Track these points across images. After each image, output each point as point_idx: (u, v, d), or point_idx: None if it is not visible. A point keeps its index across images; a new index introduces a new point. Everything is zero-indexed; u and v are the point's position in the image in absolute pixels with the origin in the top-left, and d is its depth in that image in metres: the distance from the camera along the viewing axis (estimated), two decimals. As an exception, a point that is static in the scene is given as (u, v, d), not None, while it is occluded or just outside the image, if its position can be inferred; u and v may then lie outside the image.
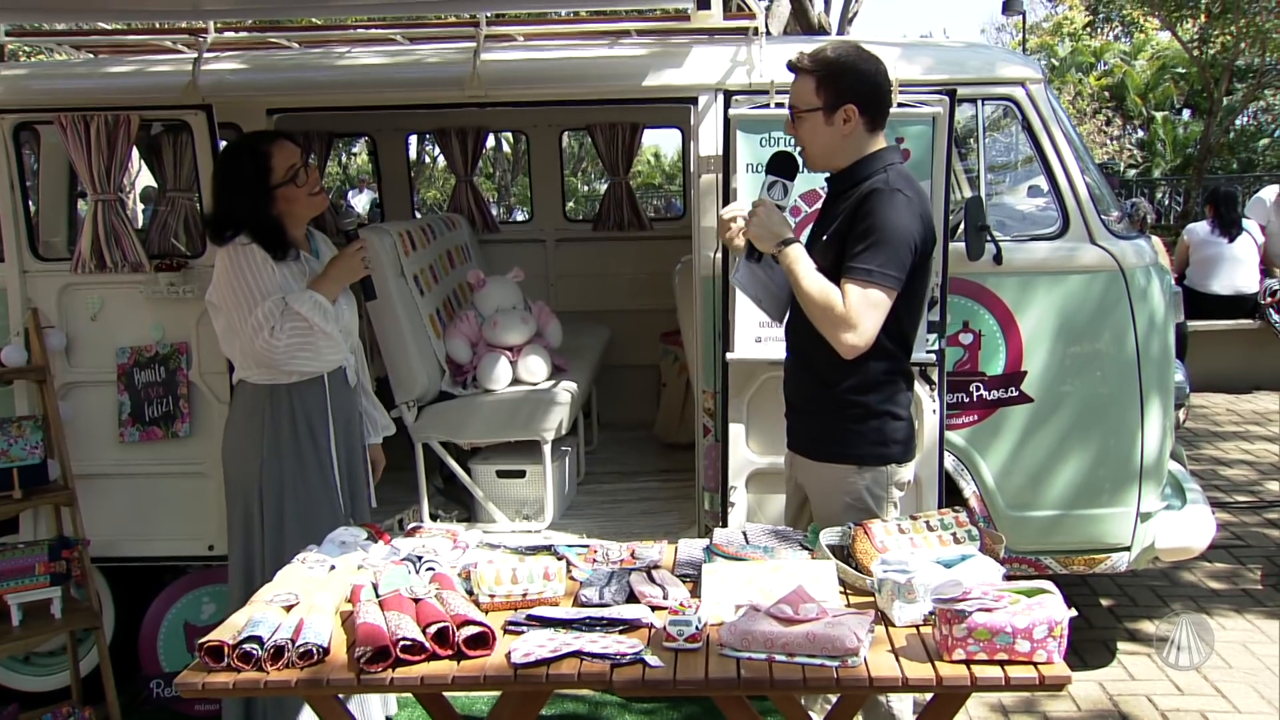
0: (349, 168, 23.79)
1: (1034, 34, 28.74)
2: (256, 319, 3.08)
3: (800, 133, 2.83)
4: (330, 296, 3.21)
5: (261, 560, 3.20)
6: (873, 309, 2.66)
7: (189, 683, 2.20)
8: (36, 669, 4.22)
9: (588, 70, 4.02)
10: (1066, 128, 3.96)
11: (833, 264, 2.73)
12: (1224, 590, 5.07)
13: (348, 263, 3.29)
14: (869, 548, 2.54)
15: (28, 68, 4.82)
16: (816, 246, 2.80)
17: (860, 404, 2.83)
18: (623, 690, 2.19)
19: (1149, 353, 3.88)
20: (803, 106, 2.79)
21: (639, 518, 4.67)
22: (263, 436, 3.21)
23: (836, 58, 2.76)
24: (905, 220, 2.69)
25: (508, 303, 4.95)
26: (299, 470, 3.22)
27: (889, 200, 2.69)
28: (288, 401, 3.22)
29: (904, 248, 2.69)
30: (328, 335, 3.17)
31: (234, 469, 3.29)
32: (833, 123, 2.76)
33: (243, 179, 3.17)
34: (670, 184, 27.70)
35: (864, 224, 2.68)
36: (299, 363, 3.17)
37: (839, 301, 2.66)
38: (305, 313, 3.12)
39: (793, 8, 10.10)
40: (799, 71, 2.80)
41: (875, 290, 2.66)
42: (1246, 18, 15.98)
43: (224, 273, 3.14)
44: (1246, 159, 22.20)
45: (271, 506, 3.21)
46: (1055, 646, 2.12)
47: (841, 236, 2.74)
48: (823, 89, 2.75)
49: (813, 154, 2.85)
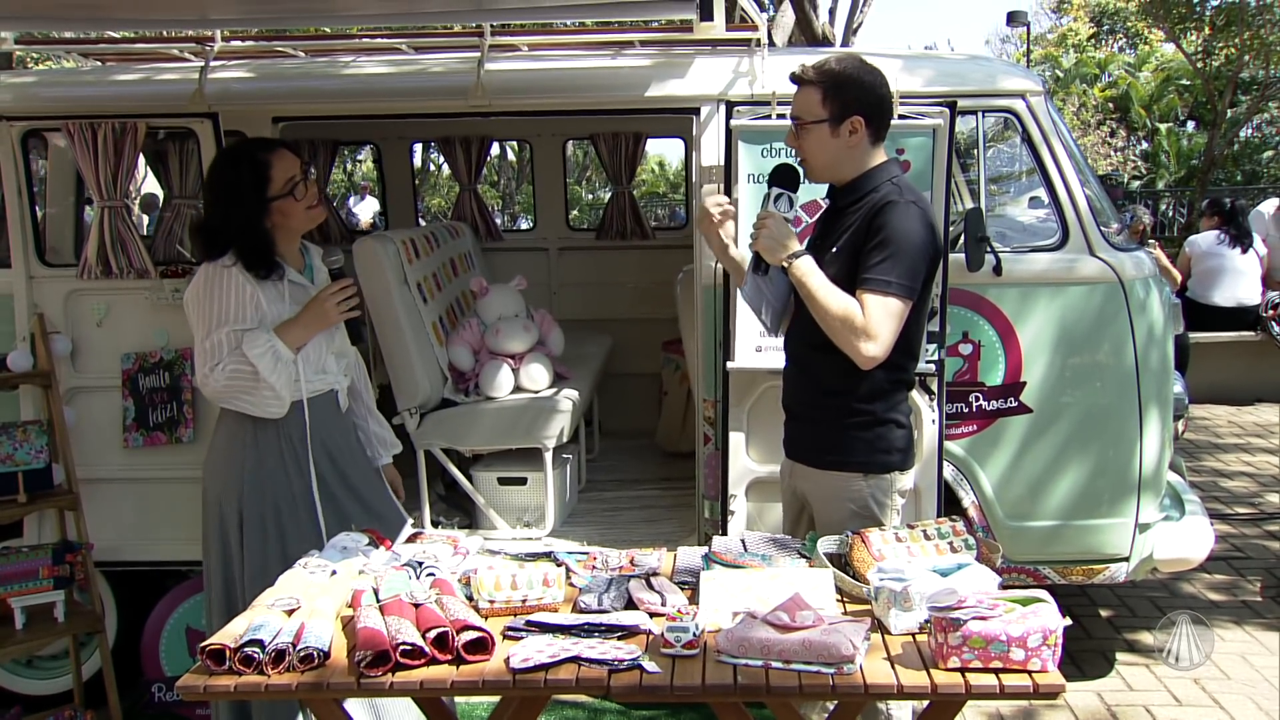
0: (353, 174, 23.84)
1: (1038, 45, 28.80)
2: (205, 347, 2.96)
3: (804, 144, 2.83)
4: (295, 344, 3.02)
5: (242, 587, 3.08)
6: (891, 319, 2.69)
7: (191, 686, 2.21)
8: (39, 672, 4.24)
9: (591, 80, 4.04)
10: (1067, 140, 3.99)
11: (843, 275, 2.75)
12: (1223, 602, 5.08)
13: (319, 309, 3.06)
14: (866, 556, 2.56)
15: (36, 75, 4.86)
16: (824, 258, 2.80)
17: (865, 412, 2.85)
18: (620, 696, 2.20)
19: (1148, 364, 3.89)
20: (808, 118, 2.79)
21: (639, 525, 4.69)
22: (244, 463, 3.07)
23: (842, 70, 2.78)
24: (920, 232, 2.73)
25: (510, 311, 4.98)
26: (280, 497, 3.08)
27: (904, 212, 2.72)
28: (273, 426, 3.06)
29: (920, 259, 2.73)
30: (270, 386, 2.96)
31: (214, 492, 3.15)
32: (839, 134, 2.77)
33: (239, 187, 3.03)
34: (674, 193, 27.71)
35: (880, 236, 2.70)
36: (236, 405, 3.02)
37: (859, 313, 2.68)
38: (254, 359, 2.93)
39: (797, 19, 10.15)
40: (804, 83, 2.80)
41: (894, 300, 2.68)
42: (1251, 30, 16.04)
43: (196, 287, 3.01)
44: (1251, 171, 22.23)
45: (253, 532, 3.08)
46: (1050, 655, 2.13)
47: (853, 248, 2.76)
48: (829, 101, 2.76)
49: (817, 166, 2.85)
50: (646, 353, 6.13)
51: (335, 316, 3.09)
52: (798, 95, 2.83)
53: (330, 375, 3.20)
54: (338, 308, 3.08)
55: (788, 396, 3.07)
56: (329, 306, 3.07)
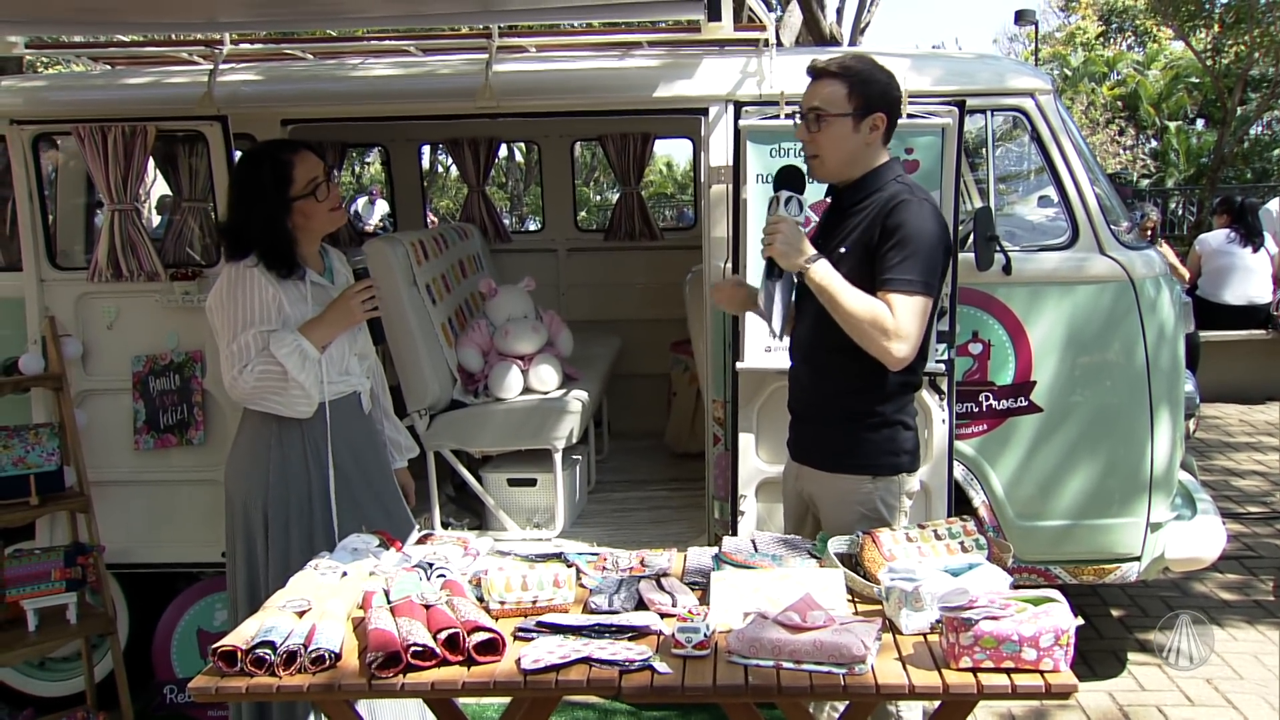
0: (361, 177, 23.89)
1: (1047, 44, 28.71)
2: (232, 350, 2.97)
3: (822, 138, 2.79)
4: (320, 343, 3.04)
5: (267, 589, 3.04)
6: (918, 318, 2.69)
7: (202, 688, 2.21)
8: (51, 674, 4.26)
9: (599, 81, 4.05)
10: (1076, 138, 3.97)
11: (854, 275, 2.73)
12: (1235, 601, 5.06)
13: (344, 307, 3.09)
14: (877, 556, 2.55)
15: (47, 79, 4.87)
16: (832, 259, 2.76)
17: (876, 414, 2.86)
18: (631, 696, 2.20)
19: (1158, 363, 3.88)
20: (832, 110, 2.76)
21: (649, 526, 4.69)
22: (269, 464, 3.09)
23: (864, 67, 2.79)
24: (935, 229, 2.74)
25: (519, 312, 4.98)
26: (306, 500, 3.09)
27: (919, 210, 2.73)
28: (297, 427, 3.08)
29: (938, 255, 2.74)
30: (300, 385, 2.98)
31: (238, 493, 3.15)
32: (859, 130, 2.77)
33: (260, 187, 3.04)
34: (682, 194, 27.72)
35: (898, 235, 2.69)
36: (265, 406, 3.03)
37: (887, 314, 2.67)
38: (282, 358, 2.95)
39: (804, 19, 10.15)
40: (826, 76, 2.79)
41: (920, 299, 2.69)
42: (1260, 27, 15.98)
43: (219, 291, 3.03)
44: (1261, 169, 22.14)
45: (278, 533, 3.09)
46: (1062, 655, 2.13)
47: (865, 247, 2.75)
48: (854, 95, 2.75)
49: (831, 161, 2.82)
50: (655, 353, 6.12)
51: (360, 315, 3.11)
52: (818, 88, 2.80)
53: (353, 377, 3.22)
54: (362, 306, 3.10)
55: (795, 399, 3.06)
56: (354, 305, 3.09)
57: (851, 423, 2.88)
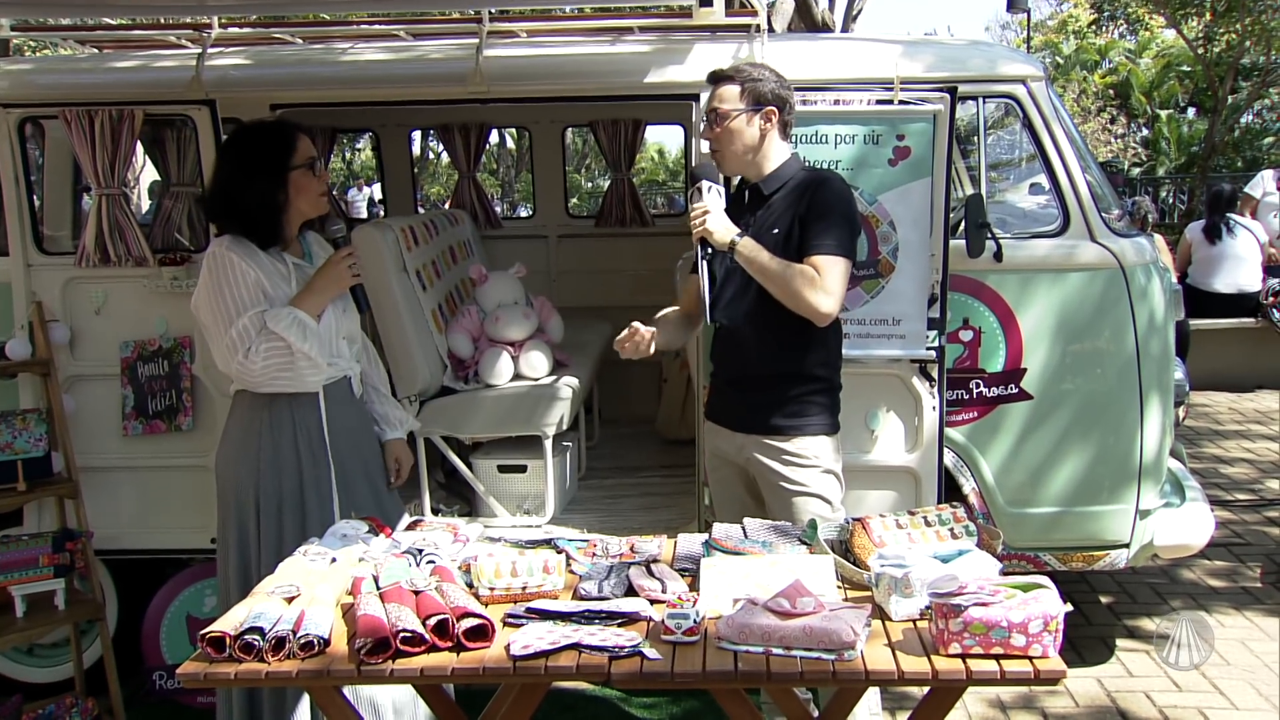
0: (352, 164, 23.80)
1: (1039, 32, 28.72)
2: (231, 337, 2.96)
3: (722, 133, 3.08)
4: (314, 311, 3.03)
5: (259, 574, 3.01)
6: (843, 277, 2.99)
7: (191, 674, 2.21)
8: (40, 660, 4.25)
9: (590, 67, 4.03)
10: (1068, 125, 3.97)
11: (788, 250, 3.01)
12: (1223, 588, 5.08)
13: (333, 272, 3.10)
14: (867, 542, 2.56)
15: (33, 62, 4.83)
16: (766, 239, 3.02)
17: (822, 378, 3.14)
18: (621, 682, 2.20)
19: (1149, 350, 3.89)
20: (727, 107, 3.07)
21: (639, 513, 4.68)
22: (260, 451, 3.07)
23: (754, 70, 3.12)
24: (851, 200, 3.09)
25: (510, 298, 4.96)
26: (298, 487, 3.08)
27: (835, 183, 3.08)
28: (288, 413, 3.07)
29: (855, 223, 3.09)
30: (307, 356, 3.00)
31: (229, 480, 3.14)
32: (753, 123, 3.07)
33: (260, 154, 3.04)
34: (673, 181, 27.66)
35: (821, 206, 3.00)
36: (278, 384, 3.03)
37: (813, 274, 2.94)
38: (282, 332, 2.95)
39: (796, 5, 10.09)
40: (723, 80, 3.11)
41: (843, 260, 2.99)
42: (1252, 16, 15.99)
43: (203, 287, 3.02)
44: (1252, 157, 22.12)
45: (270, 522, 3.07)
46: (1050, 641, 2.13)
47: (799, 223, 3.01)
48: (746, 93, 3.07)
49: (731, 154, 3.11)
50: (646, 340, 6.10)
51: (348, 279, 3.13)
52: (717, 91, 3.11)
53: (343, 361, 3.21)
54: (349, 270, 3.13)
55: (736, 368, 3.21)
56: (342, 269, 3.10)
57: (803, 386, 3.11)
